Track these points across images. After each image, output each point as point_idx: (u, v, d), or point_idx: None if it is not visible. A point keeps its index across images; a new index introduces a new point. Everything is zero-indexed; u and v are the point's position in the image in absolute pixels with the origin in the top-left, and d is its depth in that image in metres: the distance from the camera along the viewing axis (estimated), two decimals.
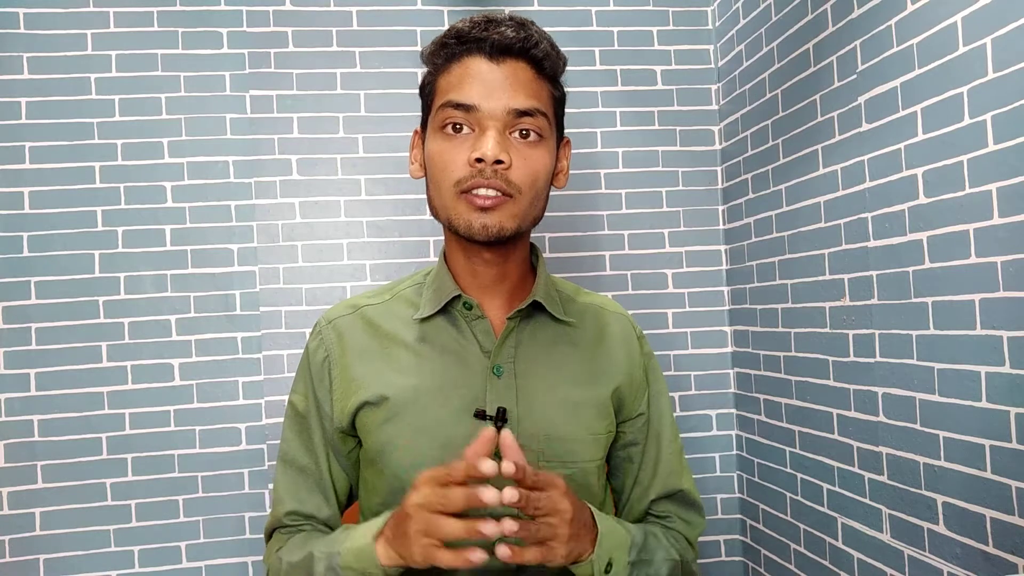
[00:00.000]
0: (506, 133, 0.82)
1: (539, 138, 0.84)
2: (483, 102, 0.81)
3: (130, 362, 1.54)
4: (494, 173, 0.81)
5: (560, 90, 0.90)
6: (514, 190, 0.82)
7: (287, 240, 1.59)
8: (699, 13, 1.71)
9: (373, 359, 0.89)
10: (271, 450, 1.56)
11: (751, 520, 1.62)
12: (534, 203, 0.85)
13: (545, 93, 0.86)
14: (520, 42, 0.83)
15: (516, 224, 0.84)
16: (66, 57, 1.55)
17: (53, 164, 1.53)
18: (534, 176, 0.84)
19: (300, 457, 0.93)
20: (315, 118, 1.61)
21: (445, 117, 0.83)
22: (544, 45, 0.85)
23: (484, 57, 0.83)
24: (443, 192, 0.84)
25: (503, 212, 0.82)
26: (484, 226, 0.82)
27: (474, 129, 0.82)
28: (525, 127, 0.83)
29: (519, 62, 0.84)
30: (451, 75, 0.84)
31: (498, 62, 0.83)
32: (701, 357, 1.68)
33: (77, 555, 1.50)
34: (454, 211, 0.84)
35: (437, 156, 0.84)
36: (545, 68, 0.85)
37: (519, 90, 0.82)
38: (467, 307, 0.89)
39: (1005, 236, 0.92)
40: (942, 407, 1.04)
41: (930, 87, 1.03)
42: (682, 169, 1.70)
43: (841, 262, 1.26)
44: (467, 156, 0.81)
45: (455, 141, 0.83)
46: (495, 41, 0.82)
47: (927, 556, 1.08)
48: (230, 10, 1.60)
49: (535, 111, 0.83)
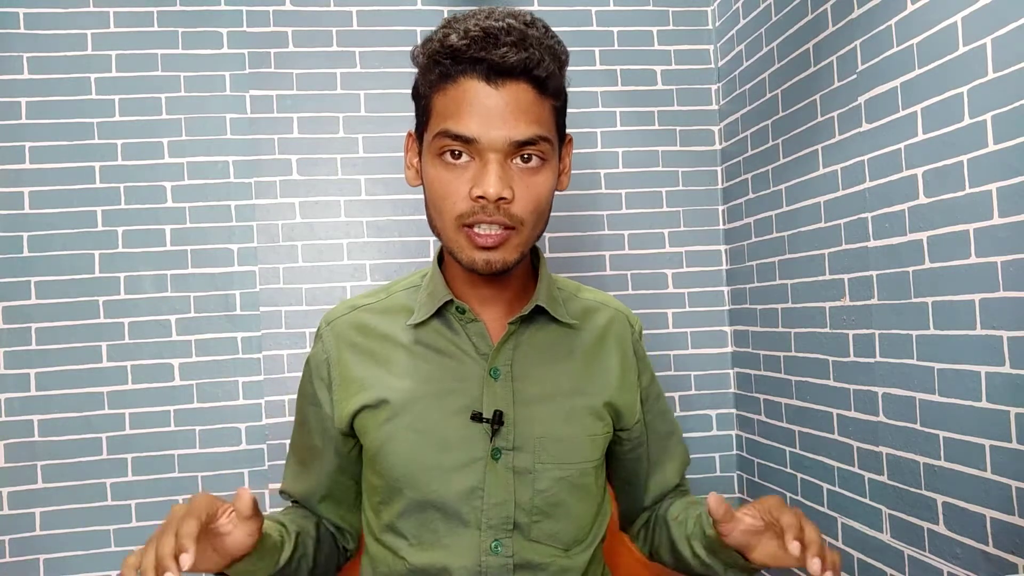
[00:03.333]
0: (507, 162, 0.79)
1: (542, 162, 0.81)
2: (483, 135, 0.77)
3: (130, 362, 1.54)
4: (496, 209, 0.78)
5: (562, 97, 0.85)
6: (516, 222, 0.80)
7: (287, 240, 1.59)
8: (699, 13, 1.71)
9: (370, 361, 0.90)
10: (271, 450, 1.56)
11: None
12: (537, 226, 0.83)
13: (547, 112, 0.81)
14: (521, 64, 0.77)
15: (519, 254, 0.82)
16: (66, 57, 1.55)
17: (53, 164, 1.53)
18: (537, 203, 0.81)
19: (300, 448, 0.98)
20: (315, 118, 1.61)
21: (443, 145, 0.79)
22: (546, 64, 0.79)
23: (482, 80, 0.77)
24: (445, 221, 0.81)
25: (506, 248, 0.80)
26: (487, 262, 0.80)
27: (474, 158, 0.79)
28: (527, 153, 0.79)
29: (520, 84, 0.78)
30: (447, 97, 0.79)
31: (497, 86, 0.77)
32: (701, 357, 1.68)
33: (77, 555, 1.50)
34: (455, 244, 0.81)
35: (437, 184, 0.81)
36: (548, 88, 0.80)
37: (520, 118, 0.77)
38: (460, 311, 0.88)
39: (1005, 236, 0.92)
40: (942, 407, 1.04)
41: (930, 87, 1.03)
42: (682, 169, 1.70)
43: (841, 262, 1.25)
44: (468, 189, 0.78)
45: (455, 171, 0.79)
46: (493, 63, 0.76)
47: (927, 556, 1.08)
48: (230, 10, 1.60)
49: (537, 138, 0.79)
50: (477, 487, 0.84)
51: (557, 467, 0.87)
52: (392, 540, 0.88)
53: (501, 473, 0.85)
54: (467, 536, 0.84)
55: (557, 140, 0.84)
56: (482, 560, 0.84)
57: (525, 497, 0.85)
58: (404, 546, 0.86)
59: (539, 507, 0.86)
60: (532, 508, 0.85)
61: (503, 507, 0.84)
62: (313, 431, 0.93)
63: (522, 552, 0.85)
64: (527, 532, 0.85)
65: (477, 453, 0.85)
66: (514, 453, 0.85)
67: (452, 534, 0.85)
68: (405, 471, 0.85)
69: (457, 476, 0.85)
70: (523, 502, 0.85)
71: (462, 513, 0.84)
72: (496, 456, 0.85)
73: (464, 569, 0.84)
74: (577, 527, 0.89)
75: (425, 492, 0.85)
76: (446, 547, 0.85)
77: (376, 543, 0.90)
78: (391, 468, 0.86)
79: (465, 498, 0.84)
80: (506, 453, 0.85)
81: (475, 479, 0.84)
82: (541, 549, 0.86)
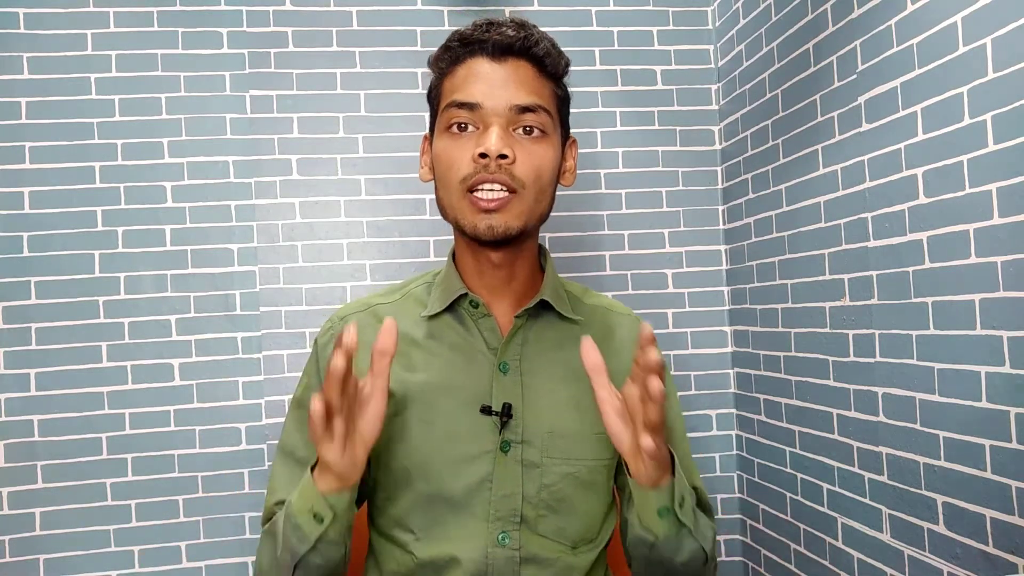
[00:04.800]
0: (510, 130, 0.85)
1: (543, 134, 0.86)
2: (486, 100, 0.84)
3: (130, 362, 1.54)
4: (498, 168, 0.83)
5: (563, 90, 0.92)
6: (518, 184, 0.84)
7: (287, 240, 1.59)
8: (699, 13, 1.71)
9: None
10: (271, 450, 1.56)
11: (751, 520, 1.62)
12: (539, 199, 0.87)
13: (547, 91, 0.88)
14: (520, 41, 0.85)
15: (523, 222, 0.85)
16: (66, 57, 1.55)
17: (53, 164, 1.53)
18: (538, 171, 0.85)
19: (300, 449, 0.92)
20: (315, 118, 1.61)
21: (450, 117, 0.86)
22: (545, 44, 0.87)
23: (486, 57, 0.86)
24: (450, 190, 0.86)
25: (508, 212, 0.84)
26: (490, 227, 0.84)
27: (478, 127, 0.85)
28: (528, 123, 0.85)
29: (520, 61, 0.86)
30: (455, 77, 0.87)
31: (500, 61, 0.86)
32: (701, 357, 1.68)
33: (77, 555, 1.50)
34: (460, 212, 0.86)
35: (443, 154, 0.86)
36: (546, 66, 0.88)
37: (521, 87, 0.85)
38: (473, 305, 0.90)
39: (1005, 236, 0.92)
40: (942, 407, 1.04)
41: (930, 87, 1.03)
42: (682, 169, 1.70)
43: (841, 262, 1.26)
44: (472, 153, 0.83)
45: (460, 140, 0.85)
46: (496, 41, 0.85)
47: (927, 556, 1.08)
48: (230, 10, 1.60)
49: (537, 107, 0.85)
50: (486, 479, 0.85)
51: (565, 462, 0.87)
52: (399, 535, 0.88)
53: (510, 466, 0.85)
54: (475, 528, 0.85)
55: (559, 124, 0.90)
56: (489, 552, 0.84)
57: (532, 490, 0.86)
58: (411, 540, 0.87)
59: (545, 501, 0.86)
60: (539, 502, 0.86)
61: (511, 499, 0.85)
62: None
63: (528, 546, 0.85)
64: (534, 526, 0.86)
65: (487, 446, 0.86)
66: (523, 446, 0.86)
67: (460, 526, 0.85)
68: (415, 463, 0.86)
69: (467, 468, 0.85)
70: (530, 495, 0.86)
71: (471, 505, 0.85)
72: (505, 449, 0.85)
73: (471, 561, 0.84)
74: (585, 525, 0.89)
75: (435, 483, 0.85)
76: (453, 539, 0.85)
77: (382, 539, 0.90)
78: (400, 460, 0.87)
79: (474, 490, 0.85)
80: (515, 446, 0.86)
81: (484, 471, 0.85)
82: (547, 544, 0.86)
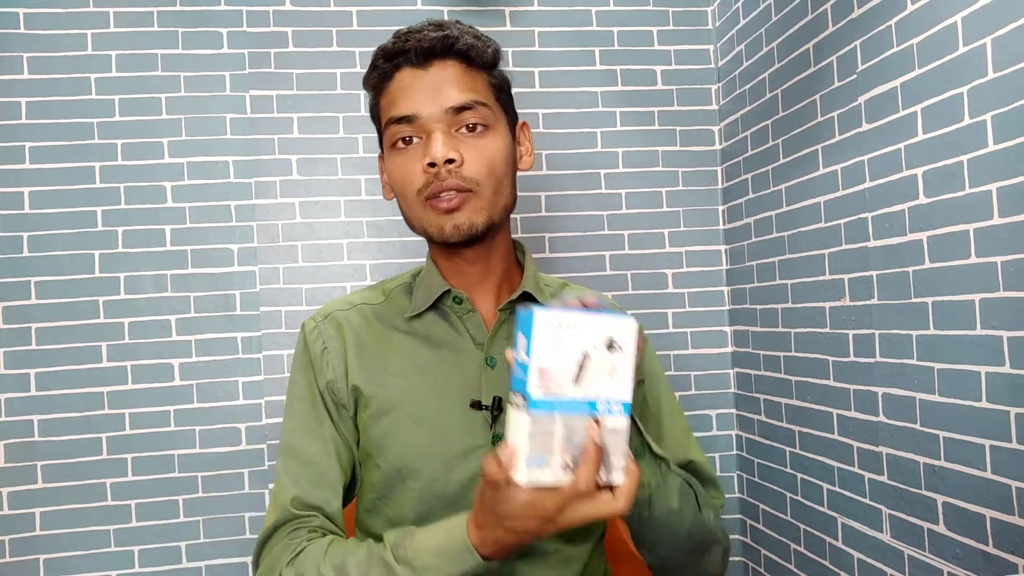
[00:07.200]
0: (452, 132, 0.85)
1: (486, 128, 0.86)
2: (421, 109, 0.84)
3: (130, 362, 1.54)
4: (449, 173, 0.83)
5: (498, 77, 0.91)
6: (472, 184, 0.84)
7: (287, 240, 1.59)
8: (699, 13, 1.71)
9: (370, 354, 0.90)
10: (271, 450, 1.56)
11: (751, 520, 1.62)
12: (498, 191, 0.87)
13: (481, 83, 0.87)
14: (440, 42, 0.85)
15: (485, 217, 0.85)
16: (66, 57, 1.55)
17: (53, 164, 1.53)
18: (490, 165, 0.85)
19: (306, 447, 0.89)
20: (315, 118, 1.61)
21: (393, 134, 0.86)
22: (466, 39, 0.86)
23: (411, 67, 0.86)
24: (410, 203, 0.87)
25: (469, 209, 0.85)
26: (455, 227, 0.84)
27: (422, 137, 0.85)
28: (469, 121, 0.85)
29: (446, 61, 0.86)
30: (389, 93, 0.87)
31: (425, 67, 0.86)
32: (701, 357, 1.68)
33: (77, 555, 1.50)
34: (425, 219, 0.86)
35: (396, 171, 0.87)
36: (473, 59, 0.87)
37: (452, 87, 0.85)
38: (457, 301, 0.90)
39: (1005, 236, 0.92)
40: (942, 407, 1.04)
41: (930, 87, 1.03)
42: (682, 169, 1.70)
43: (841, 262, 1.26)
44: (421, 164, 0.84)
45: (407, 153, 0.86)
46: (417, 48, 0.85)
47: (927, 556, 1.08)
48: (230, 10, 1.60)
49: (473, 103, 0.85)
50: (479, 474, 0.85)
51: None
52: None
53: None
54: None
55: (502, 112, 0.90)
56: None
57: None
58: None
59: None
60: None
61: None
62: (321, 419, 0.90)
63: None
64: None
65: (478, 441, 0.86)
66: None
67: None
68: (407, 462, 0.86)
69: (459, 464, 0.85)
70: None
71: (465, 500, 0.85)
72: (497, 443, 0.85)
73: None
74: None
75: (427, 481, 0.85)
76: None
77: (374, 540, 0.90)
78: (392, 460, 0.87)
79: (468, 486, 0.85)
80: None
81: (478, 466, 0.85)
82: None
